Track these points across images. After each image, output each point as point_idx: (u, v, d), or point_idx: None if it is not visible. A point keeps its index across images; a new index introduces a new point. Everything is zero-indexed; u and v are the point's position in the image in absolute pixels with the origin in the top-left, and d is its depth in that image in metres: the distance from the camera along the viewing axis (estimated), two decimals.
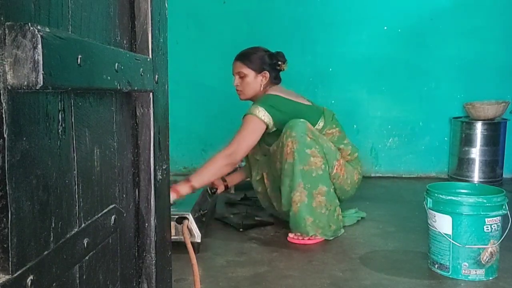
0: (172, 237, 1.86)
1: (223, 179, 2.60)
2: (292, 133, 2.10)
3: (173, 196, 1.99)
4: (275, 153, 2.19)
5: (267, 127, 2.23)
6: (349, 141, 2.40)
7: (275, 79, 2.40)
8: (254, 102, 2.31)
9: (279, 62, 2.37)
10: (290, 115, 2.21)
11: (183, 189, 2.06)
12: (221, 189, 2.55)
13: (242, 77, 2.37)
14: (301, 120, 2.15)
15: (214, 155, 2.20)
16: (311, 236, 2.11)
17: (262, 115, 2.20)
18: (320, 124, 2.30)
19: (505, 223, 1.72)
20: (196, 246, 1.86)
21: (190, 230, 1.87)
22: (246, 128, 2.20)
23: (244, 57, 2.37)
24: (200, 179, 2.12)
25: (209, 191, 2.43)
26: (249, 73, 2.35)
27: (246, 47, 2.45)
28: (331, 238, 2.15)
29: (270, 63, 2.36)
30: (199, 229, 1.92)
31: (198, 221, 1.96)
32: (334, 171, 2.21)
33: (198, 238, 1.90)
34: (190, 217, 1.89)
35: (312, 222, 2.10)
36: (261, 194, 2.48)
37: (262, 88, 2.37)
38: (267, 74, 2.35)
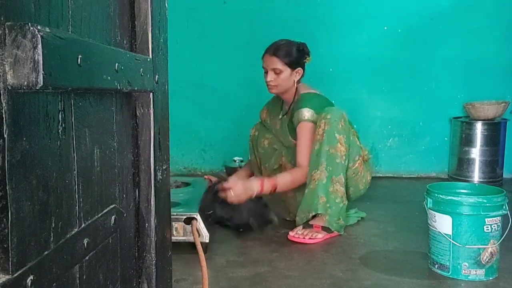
0: (179, 238, 1.88)
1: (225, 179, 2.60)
2: (327, 115, 2.17)
3: (257, 191, 2.09)
4: None
5: None
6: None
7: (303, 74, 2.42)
8: (300, 104, 2.31)
9: (306, 56, 2.37)
10: None
11: (267, 187, 2.13)
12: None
13: (278, 73, 2.30)
14: (337, 107, 2.26)
15: (296, 170, 2.24)
16: (319, 215, 2.14)
17: (311, 115, 2.26)
18: None
19: (505, 223, 1.72)
20: (204, 246, 1.86)
21: (198, 231, 1.87)
22: (307, 138, 2.24)
23: (281, 52, 2.30)
24: (284, 187, 2.20)
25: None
26: (285, 69, 2.30)
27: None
28: (333, 231, 2.16)
29: (305, 59, 2.36)
30: (206, 230, 1.92)
31: (204, 221, 1.96)
32: (356, 165, 2.26)
33: (206, 238, 1.90)
34: (199, 217, 1.89)
35: (324, 203, 2.13)
36: None
37: (295, 85, 2.37)
38: (301, 71, 2.36)
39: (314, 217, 2.17)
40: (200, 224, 1.89)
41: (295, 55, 2.31)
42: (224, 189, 2.05)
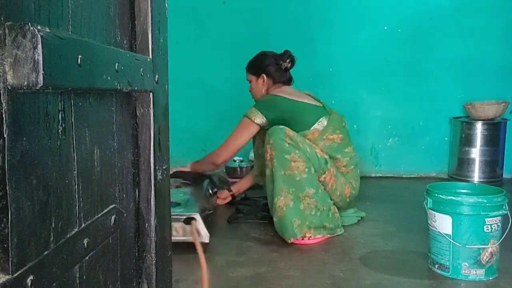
0: (179, 238, 1.88)
1: (228, 189, 2.62)
2: (270, 140, 2.12)
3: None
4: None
5: (261, 127, 2.35)
6: (352, 152, 2.34)
7: (280, 78, 2.50)
8: (254, 104, 2.44)
9: (281, 62, 2.47)
10: (286, 113, 2.30)
11: (189, 171, 2.55)
12: (227, 199, 2.65)
13: (250, 83, 2.59)
14: (280, 126, 2.15)
15: (205, 160, 2.56)
16: (299, 238, 2.09)
17: (254, 116, 2.32)
18: (323, 122, 2.28)
19: (505, 223, 1.72)
20: (203, 247, 1.86)
21: (198, 231, 1.86)
22: (235, 131, 2.40)
23: (248, 64, 2.59)
24: (196, 167, 2.57)
25: (210, 191, 2.43)
26: (252, 78, 2.56)
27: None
28: (329, 236, 2.16)
29: (268, 65, 2.48)
30: (206, 230, 1.92)
31: (204, 221, 1.96)
32: (322, 178, 2.18)
33: (206, 239, 1.90)
34: (198, 217, 1.89)
35: (299, 225, 2.08)
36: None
37: (265, 90, 2.51)
38: (265, 77, 2.50)
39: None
40: (199, 224, 1.89)
41: (255, 64, 2.55)
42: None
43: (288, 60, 2.47)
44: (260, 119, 2.32)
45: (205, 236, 1.89)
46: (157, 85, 0.96)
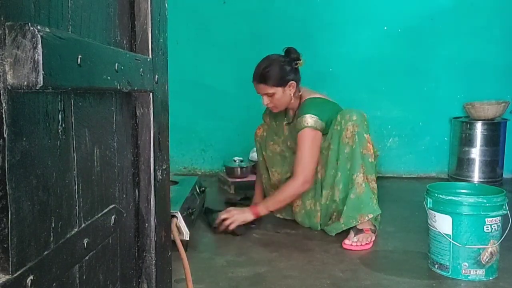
0: None
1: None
2: (352, 117, 2.15)
3: (251, 217, 2.19)
4: (326, 141, 2.22)
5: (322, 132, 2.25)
6: None
7: (299, 79, 2.35)
8: (302, 110, 2.26)
9: (296, 61, 2.29)
10: (333, 115, 2.25)
11: (262, 211, 2.21)
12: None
13: (271, 96, 2.27)
14: (357, 109, 2.23)
15: (287, 184, 2.23)
16: (378, 215, 2.12)
17: (314, 122, 2.19)
18: None
19: (505, 223, 1.72)
20: (184, 244, 1.87)
21: (178, 228, 1.88)
22: (307, 145, 2.19)
23: (264, 78, 2.24)
24: (276, 205, 2.24)
25: (198, 190, 2.43)
26: (276, 90, 2.25)
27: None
28: (375, 232, 2.16)
29: (290, 69, 2.26)
30: (188, 228, 1.94)
31: (186, 219, 1.97)
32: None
33: (186, 236, 1.92)
34: (179, 215, 1.91)
35: (377, 203, 2.11)
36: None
37: (293, 95, 2.31)
38: (293, 83, 2.28)
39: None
40: (180, 222, 1.91)
41: (279, 74, 2.23)
42: (224, 220, 2.19)
43: (300, 58, 2.31)
44: (320, 125, 2.20)
45: (185, 233, 1.92)
46: (157, 85, 0.96)
